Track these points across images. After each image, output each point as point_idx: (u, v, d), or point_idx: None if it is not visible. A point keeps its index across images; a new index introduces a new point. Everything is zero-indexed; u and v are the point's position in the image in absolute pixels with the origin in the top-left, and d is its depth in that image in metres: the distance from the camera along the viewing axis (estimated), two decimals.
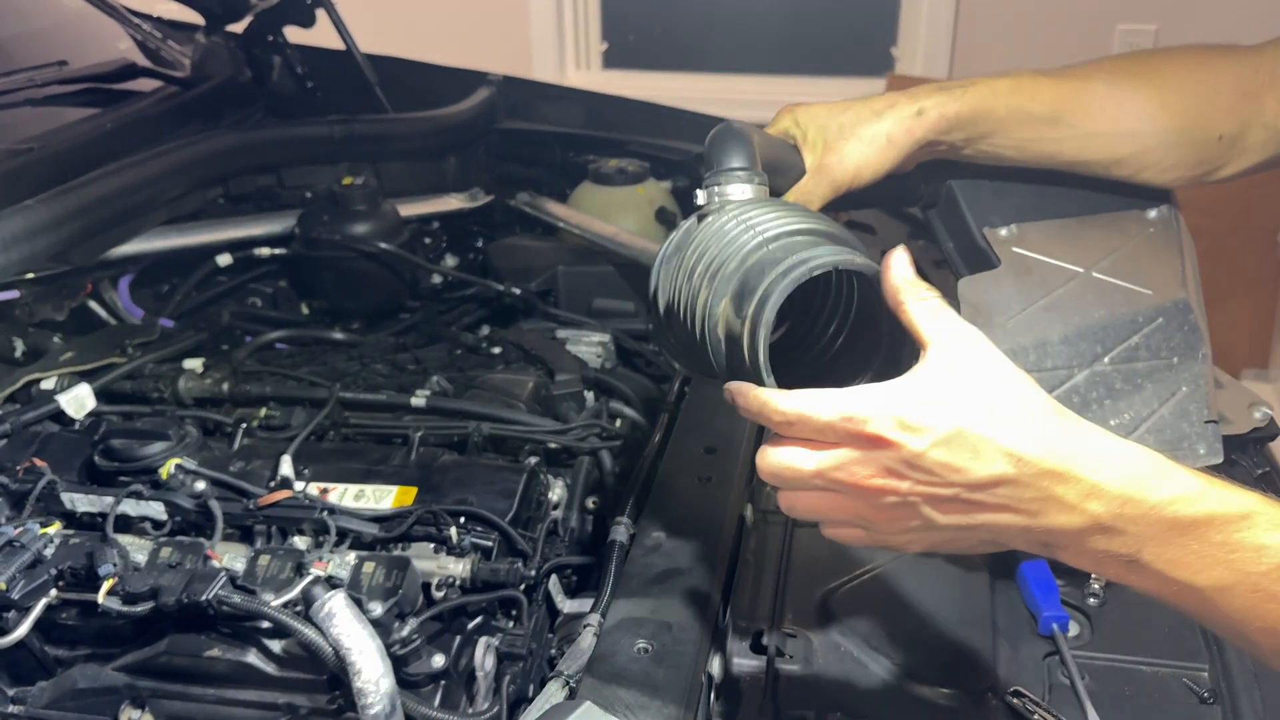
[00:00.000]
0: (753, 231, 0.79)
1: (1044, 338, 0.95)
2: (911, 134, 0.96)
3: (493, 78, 2.13)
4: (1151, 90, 0.99)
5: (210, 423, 1.32)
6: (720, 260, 0.79)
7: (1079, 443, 0.64)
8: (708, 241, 0.82)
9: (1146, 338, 0.96)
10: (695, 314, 0.81)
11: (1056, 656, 0.94)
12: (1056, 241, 1.00)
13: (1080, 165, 1.00)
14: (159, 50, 2.03)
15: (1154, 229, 1.01)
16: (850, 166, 0.97)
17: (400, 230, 1.68)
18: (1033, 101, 0.97)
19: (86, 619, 1.03)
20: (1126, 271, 0.98)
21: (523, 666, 1.03)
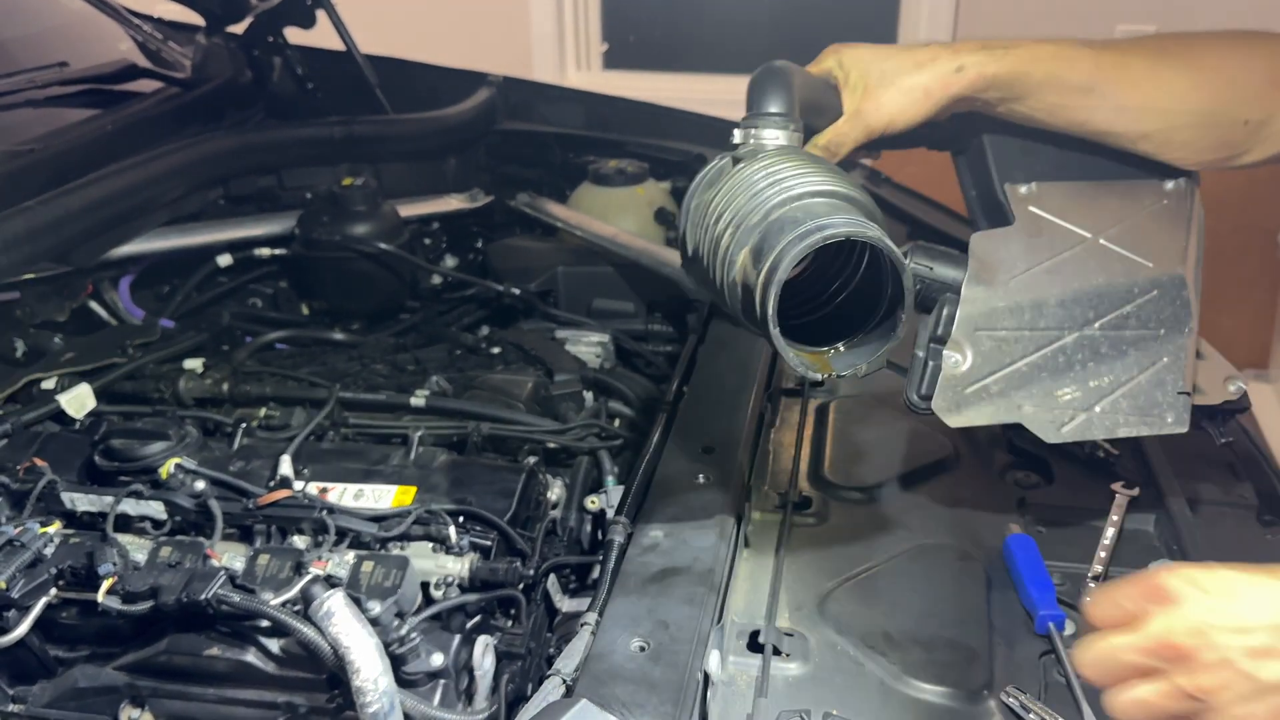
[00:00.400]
0: (778, 187, 0.84)
1: (1042, 298, 0.97)
2: (948, 89, 0.98)
3: (493, 79, 2.14)
4: (1187, 70, 1.01)
5: (210, 423, 1.33)
6: (745, 211, 0.84)
7: None
8: (735, 189, 0.87)
9: (1139, 308, 0.98)
10: (717, 257, 0.86)
11: (1052, 655, 0.94)
12: (1072, 204, 1.02)
13: (1107, 136, 1.01)
14: (159, 51, 2.03)
15: (1168, 201, 1.03)
16: (885, 115, 0.99)
17: (400, 231, 1.69)
18: (1070, 70, 0.99)
19: (86, 618, 1.04)
20: (1132, 241, 1.00)
21: (521, 665, 1.04)
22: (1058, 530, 1.10)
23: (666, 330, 1.65)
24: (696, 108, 2.15)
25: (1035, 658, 0.94)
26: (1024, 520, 1.12)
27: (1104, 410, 0.97)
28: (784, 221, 0.80)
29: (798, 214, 0.80)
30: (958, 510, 1.12)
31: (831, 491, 1.15)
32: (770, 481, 1.17)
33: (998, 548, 1.05)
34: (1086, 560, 1.05)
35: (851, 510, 1.13)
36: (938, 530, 1.09)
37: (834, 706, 0.86)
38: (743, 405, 1.20)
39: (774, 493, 1.15)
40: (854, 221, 0.78)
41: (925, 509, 1.13)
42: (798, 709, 0.86)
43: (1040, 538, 1.07)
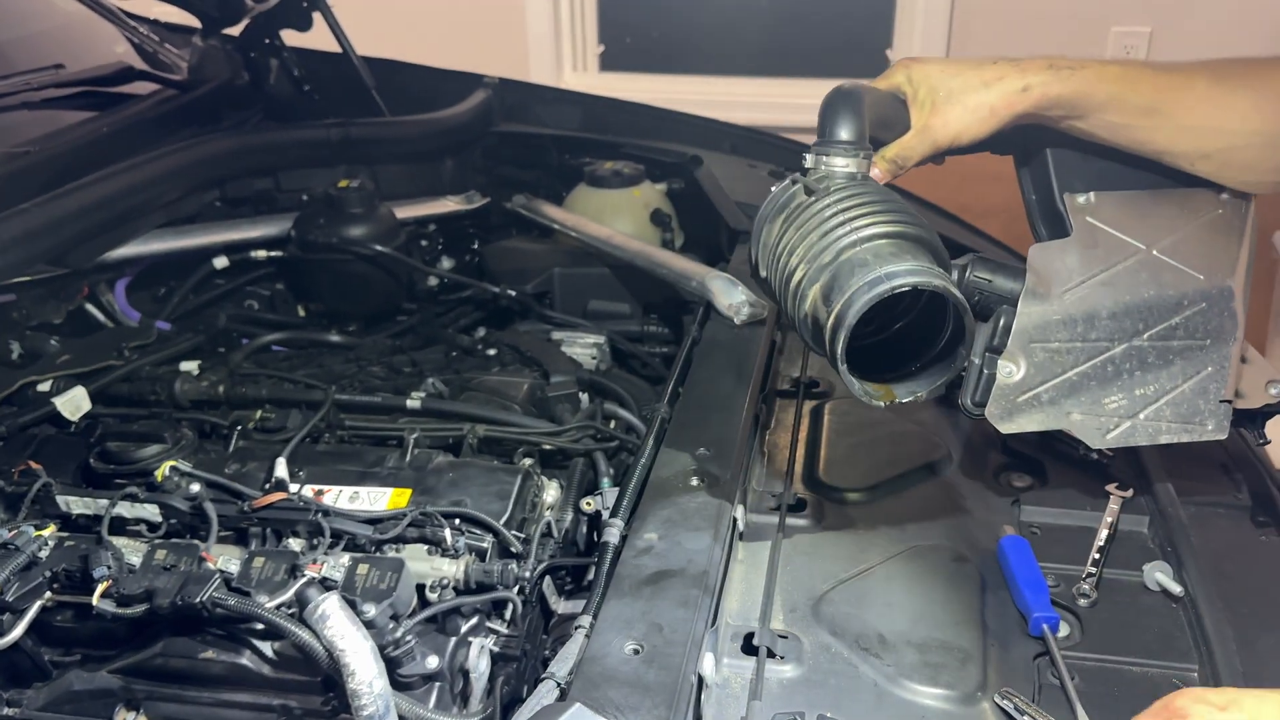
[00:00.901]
0: (849, 227, 0.91)
1: (1094, 310, 1.00)
2: (1012, 108, 1.01)
3: (489, 80, 2.14)
4: (1249, 92, 1.02)
5: (206, 425, 1.33)
6: (817, 250, 0.91)
7: None
8: (808, 225, 0.94)
9: (1187, 319, 1.01)
10: (789, 290, 0.94)
11: (1046, 657, 0.94)
12: (1128, 214, 1.05)
13: (1167, 155, 1.04)
14: (156, 53, 2.03)
15: (1223, 210, 1.05)
16: (952, 131, 1.02)
17: (397, 233, 1.69)
18: (1133, 92, 1.01)
19: (81, 621, 1.04)
20: (1185, 253, 1.03)
21: (517, 667, 1.04)
22: (1052, 532, 1.10)
23: (662, 332, 1.65)
24: (692, 109, 2.15)
25: (1029, 659, 0.94)
26: (1018, 522, 1.12)
27: (1148, 417, 1.00)
28: (854, 265, 0.88)
29: (868, 257, 0.87)
30: (952, 512, 1.13)
31: (826, 493, 1.16)
32: (765, 483, 1.18)
33: (992, 549, 1.06)
34: (1080, 562, 1.05)
35: (846, 512, 1.13)
36: (932, 532, 1.09)
37: (828, 709, 0.86)
38: (738, 407, 1.20)
39: (769, 494, 1.15)
40: (920, 270, 0.85)
41: (920, 511, 1.13)
42: (792, 711, 0.86)
43: (1034, 539, 1.07)
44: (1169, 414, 1.00)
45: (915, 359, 0.93)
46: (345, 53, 2.02)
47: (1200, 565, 1.02)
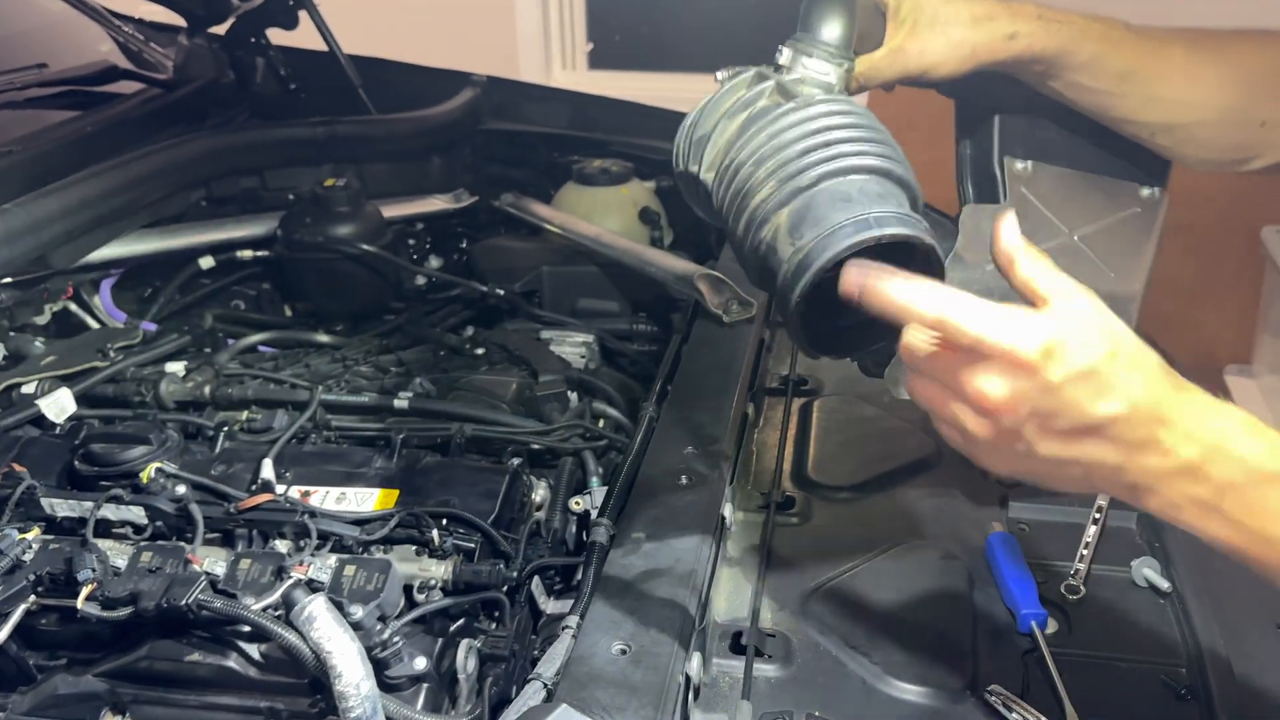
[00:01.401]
0: (832, 151, 0.79)
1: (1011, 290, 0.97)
2: (995, 54, 0.96)
3: (477, 78, 2.13)
4: (1219, 65, 1.00)
5: (192, 426, 1.32)
6: (792, 169, 0.79)
7: (1184, 394, 0.69)
8: (784, 134, 0.81)
9: None
10: (747, 205, 0.81)
11: (1035, 654, 0.94)
12: (1059, 192, 1.03)
13: (1129, 125, 1.01)
14: (141, 52, 2.02)
15: (1140, 208, 1.05)
16: (926, 62, 0.96)
17: (383, 231, 1.68)
18: (1115, 54, 0.98)
19: (66, 625, 1.03)
20: (1102, 246, 1.02)
21: (505, 668, 1.03)
22: (1040, 528, 1.10)
23: (651, 330, 1.64)
24: (682, 107, 2.12)
25: (1018, 656, 0.94)
26: (1006, 519, 1.12)
27: None
28: (836, 197, 0.76)
29: (852, 192, 0.77)
30: (940, 509, 1.13)
31: (815, 491, 1.16)
32: (754, 481, 1.17)
33: (980, 546, 1.06)
34: (1069, 558, 1.05)
35: (835, 510, 1.13)
36: (920, 529, 1.09)
37: (816, 707, 0.86)
38: (726, 405, 1.20)
39: (757, 493, 1.15)
40: (909, 220, 0.76)
41: (908, 508, 1.13)
42: (780, 710, 0.86)
43: (1023, 536, 1.08)
44: None
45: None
46: (332, 51, 2.02)
47: (1188, 561, 1.03)
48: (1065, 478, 0.72)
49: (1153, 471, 0.68)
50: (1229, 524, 0.68)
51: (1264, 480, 0.66)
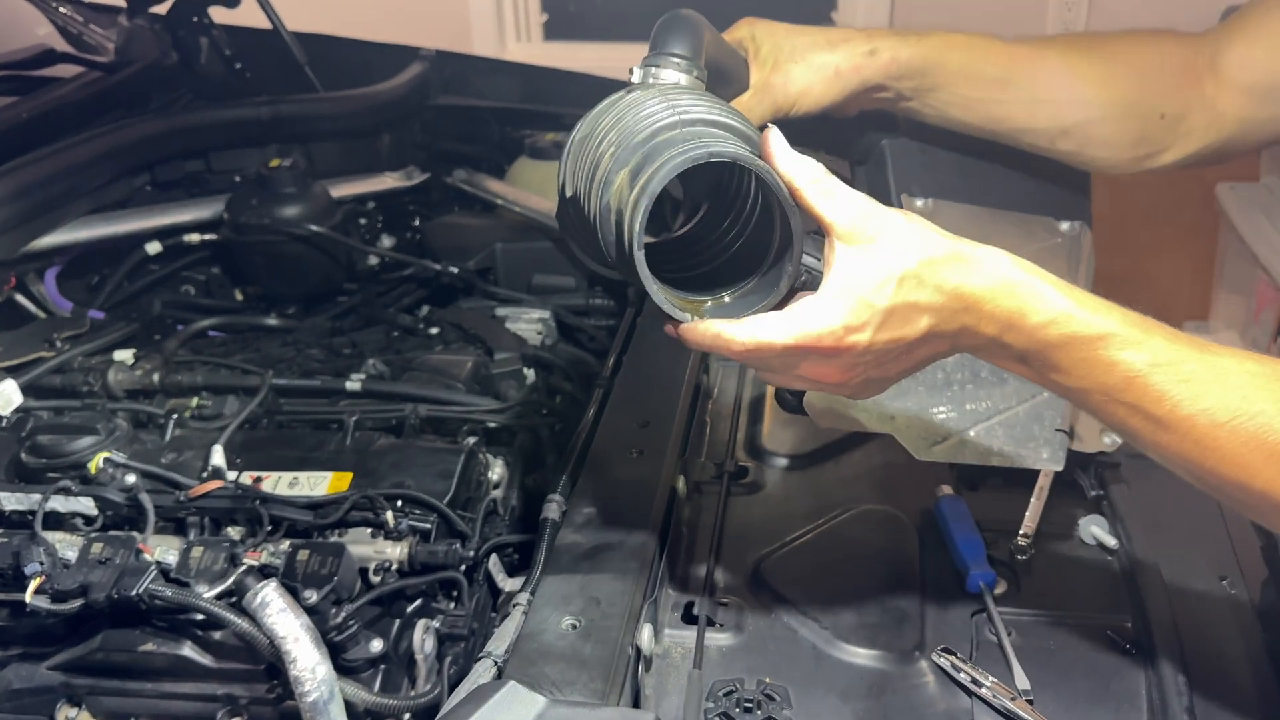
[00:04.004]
0: (672, 110, 0.76)
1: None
2: (859, 71, 0.97)
3: (425, 53, 2.10)
4: (1100, 62, 1.01)
5: (142, 415, 1.30)
6: (631, 132, 0.76)
7: (975, 279, 0.74)
8: (624, 112, 0.79)
9: None
10: (593, 182, 0.78)
11: (983, 614, 0.95)
12: (967, 228, 0.99)
13: (1026, 133, 1.01)
14: (81, 35, 1.97)
15: (1061, 240, 1.04)
16: (794, 91, 0.97)
17: (332, 211, 1.66)
18: (985, 60, 0.98)
19: (17, 619, 1.02)
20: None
21: (465, 647, 1.04)
22: (989, 490, 1.11)
23: (608, 304, 1.64)
24: None
25: (967, 617, 0.95)
26: (955, 481, 1.13)
27: (978, 436, 0.99)
28: (671, 141, 0.73)
29: (688, 135, 0.73)
30: (891, 474, 1.13)
31: (768, 460, 1.16)
32: (707, 452, 1.18)
33: (930, 509, 1.07)
34: (1017, 519, 1.06)
35: (787, 478, 1.14)
36: (871, 494, 1.10)
37: (768, 674, 0.87)
38: (679, 377, 1.20)
39: (711, 463, 1.15)
40: (744, 149, 0.73)
41: (859, 474, 1.14)
42: (732, 678, 0.86)
43: (971, 498, 1.09)
44: (1001, 435, 0.98)
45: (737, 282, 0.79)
46: (276, 29, 1.98)
47: (1135, 518, 1.04)
48: (917, 369, 0.80)
49: (972, 347, 0.77)
50: (1037, 378, 0.76)
51: (1052, 347, 0.73)
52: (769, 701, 0.85)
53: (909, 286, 0.73)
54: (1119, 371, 0.72)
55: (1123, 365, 0.72)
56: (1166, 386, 0.71)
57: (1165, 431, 0.72)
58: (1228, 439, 0.70)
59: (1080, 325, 0.72)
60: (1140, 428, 0.73)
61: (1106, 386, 0.73)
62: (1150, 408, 0.71)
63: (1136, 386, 0.71)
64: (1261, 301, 2.51)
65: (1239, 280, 2.71)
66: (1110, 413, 0.74)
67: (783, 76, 0.97)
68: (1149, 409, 0.72)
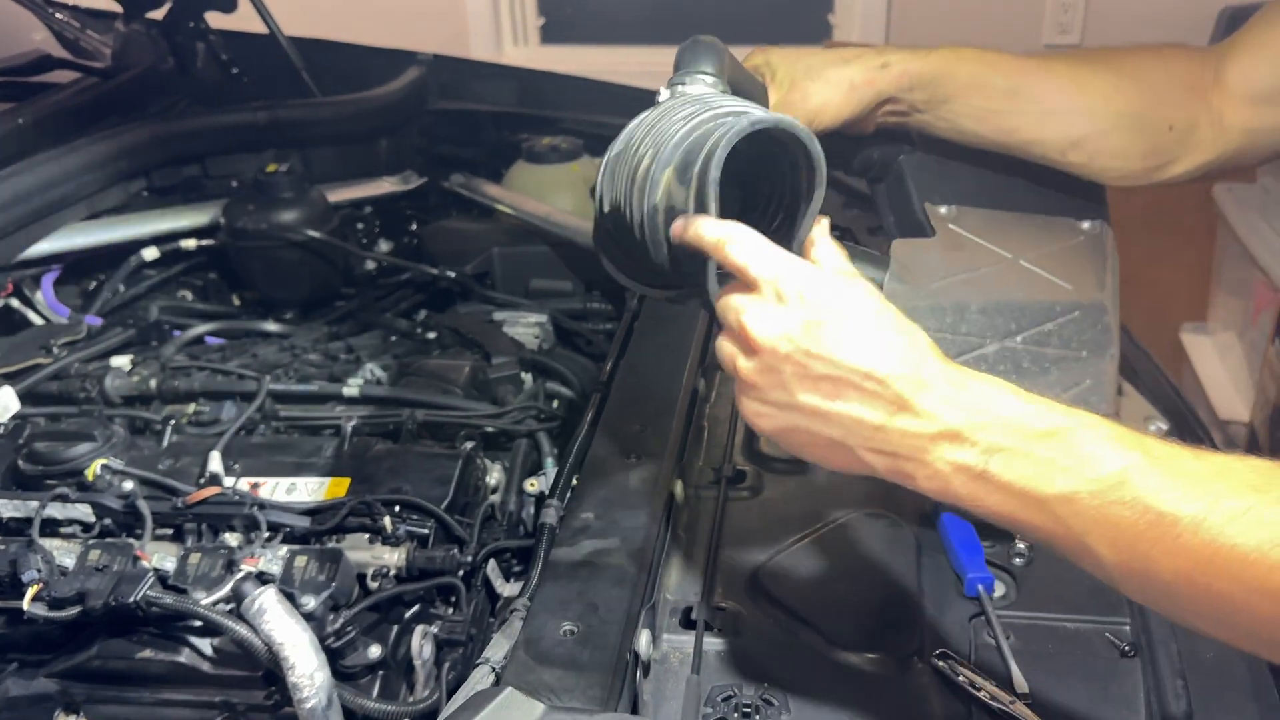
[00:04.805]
0: (705, 107, 0.76)
1: (963, 303, 0.97)
2: (874, 85, 0.98)
3: (422, 57, 2.11)
4: (1109, 74, 1.02)
5: (139, 421, 1.30)
6: (668, 134, 0.75)
7: (944, 368, 0.69)
8: (657, 121, 0.78)
9: (1060, 326, 0.98)
10: (635, 188, 0.77)
11: (982, 617, 0.95)
12: (991, 229, 1.03)
13: (1036, 145, 1.02)
14: (77, 40, 1.98)
15: (1084, 238, 1.04)
16: (812, 106, 0.99)
17: (329, 216, 1.66)
18: (994, 72, 1.00)
19: (14, 627, 1.02)
20: (1051, 267, 1.01)
21: (463, 653, 1.03)
22: None
23: (605, 308, 1.64)
24: (636, 81, 2.12)
25: (965, 621, 0.95)
26: None
27: None
28: (712, 129, 0.72)
29: (727, 120, 0.72)
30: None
31: (766, 464, 1.16)
32: (705, 457, 1.18)
33: (929, 513, 1.07)
34: None
35: (785, 482, 1.13)
36: (870, 498, 1.10)
37: (766, 679, 0.87)
38: (676, 382, 1.20)
39: (709, 468, 1.15)
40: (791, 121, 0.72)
41: (858, 478, 1.11)
42: (730, 683, 0.86)
43: None
44: None
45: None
46: (273, 34, 1.98)
47: None
48: (824, 439, 0.72)
49: (914, 434, 0.68)
50: (998, 490, 0.67)
51: (1030, 439, 0.66)
52: (767, 706, 0.85)
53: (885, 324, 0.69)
54: (1110, 465, 0.64)
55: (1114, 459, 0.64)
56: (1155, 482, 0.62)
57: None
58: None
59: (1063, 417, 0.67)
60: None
61: (1094, 485, 0.64)
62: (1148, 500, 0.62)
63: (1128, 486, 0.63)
64: (1260, 303, 2.51)
65: (1237, 282, 2.71)
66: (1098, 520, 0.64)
67: (801, 94, 0.99)
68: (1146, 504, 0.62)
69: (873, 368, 0.68)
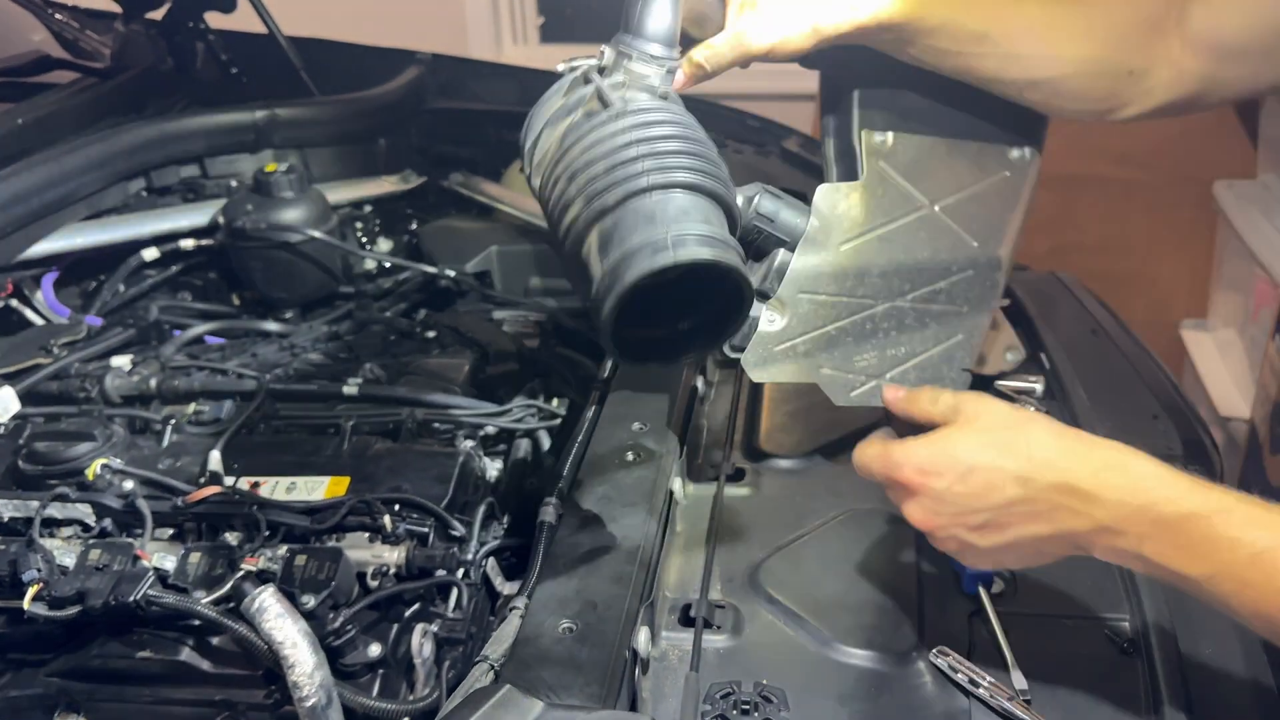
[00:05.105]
0: (640, 166, 0.79)
1: (867, 267, 0.99)
2: (838, 27, 0.94)
3: (421, 56, 2.11)
4: (1081, 18, 0.99)
5: (139, 421, 1.31)
6: (602, 184, 0.80)
7: (1076, 460, 0.77)
8: (595, 148, 0.81)
9: (951, 285, 1.02)
10: (563, 220, 0.83)
11: (981, 614, 0.95)
12: (921, 163, 1.02)
13: (994, 84, 1.00)
14: (76, 40, 1.98)
15: (1010, 172, 1.04)
16: (767, 42, 0.93)
17: (328, 216, 1.66)
18: (966, 16, 0.96)
19: (15, 626, 1.02)
20: (966, 214, 1.02)
21: (462, 651, 1.03)
22: None
23: None
24: None
25: (964, 617, 0.95)
26: None
27: (893, 379, 1.01)
28: (640, 216, 0.78)
29: (656, 211, 0.78)
30: None
31: (765, 462, 1.16)
32: (704, 454, 1.18)
33: None
34: None
35: (784, 479, 1.14)
36: (868, 495, 1.10)
37: (765, 676, 0.87)
38: (675, 380, 1.20)
39: (708, 465, 1.15)
40: (707, 241, 0.78)
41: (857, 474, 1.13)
42: (729, 680, 0.86)
43: None
44: (913, 378, 1.02)
45: (682, 316, 0.87)
46: (272, 33, 1.98)
47: None
48: (1027, 556, 0.83)
49: (1078, 533, 0.77)
50: (1156, 569, 0.76)
51: (1168, 527, 0.74)
52: (766, 703, 0.85)
53: (996, 450, 0.78)
54: (1243, 549, 0.71)
55: (1247, 543, 0.71)
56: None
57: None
58: None
59: (1199, 502, 0.73)
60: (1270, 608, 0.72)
61: (1232, 568, 0.72)
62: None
63: (1264, 562, 0.71)
64: (1260, 299, 2.51)
65: (1237, 278, 2.71)
66: (1240, 598, 0.73)
67: (757, 27, 0.93)
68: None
69: (1010, 498, 0.78)
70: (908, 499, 0.83)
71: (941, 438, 0.82)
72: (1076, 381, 1.25)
